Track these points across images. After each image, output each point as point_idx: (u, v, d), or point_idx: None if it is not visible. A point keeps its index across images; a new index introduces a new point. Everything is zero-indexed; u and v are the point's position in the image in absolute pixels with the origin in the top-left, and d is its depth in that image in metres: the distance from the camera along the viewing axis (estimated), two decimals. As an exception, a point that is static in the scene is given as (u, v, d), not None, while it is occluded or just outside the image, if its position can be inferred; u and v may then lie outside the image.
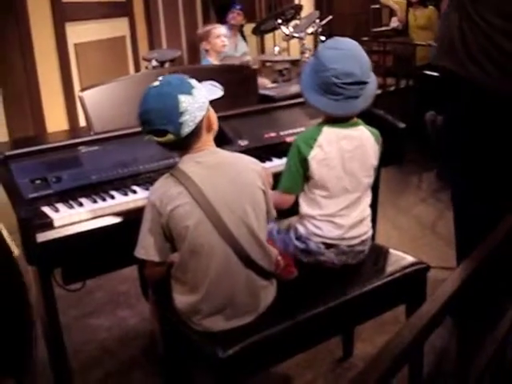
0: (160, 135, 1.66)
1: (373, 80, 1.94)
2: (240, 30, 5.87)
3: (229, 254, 1.69)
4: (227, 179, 1.70)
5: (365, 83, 1.89)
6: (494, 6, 2.25)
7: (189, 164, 1.70)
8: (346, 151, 1.93)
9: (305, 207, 1.98)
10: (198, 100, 1.66)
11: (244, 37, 6.17)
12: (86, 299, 3.05)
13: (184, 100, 1.64)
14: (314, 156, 1.90)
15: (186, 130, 1.65)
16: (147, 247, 1.71)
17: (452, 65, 2.40)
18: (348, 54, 1.88)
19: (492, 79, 2.29)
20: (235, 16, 5.59)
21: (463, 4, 2.31)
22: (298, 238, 2.01)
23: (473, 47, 2.31)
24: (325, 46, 1.94)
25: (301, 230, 2.00)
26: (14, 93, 3.68)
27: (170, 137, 1.65)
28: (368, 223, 2.04)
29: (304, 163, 1.92)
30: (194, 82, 1.71)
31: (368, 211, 2.04)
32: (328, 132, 1.93)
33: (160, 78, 1.70)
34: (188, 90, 1.66)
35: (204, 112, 1.69)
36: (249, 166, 1.78)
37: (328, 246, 1.97)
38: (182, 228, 1.65)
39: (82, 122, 4.17)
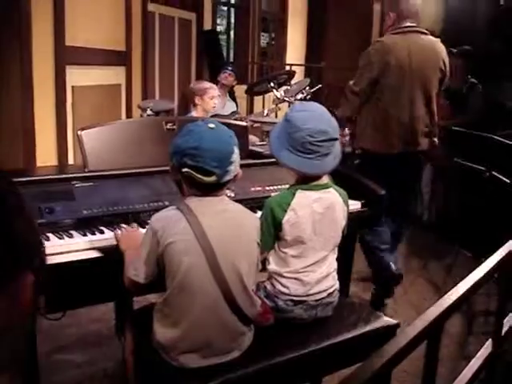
0: (205, 174, 1.73)
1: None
2: (229, 90, 6.06)
3: (217, 296, 1.76)
4: (229, 227, 1.80)
5: (335, 139, 2.01)
6: None
7: (197, 204, 1.78)
8: (317, 213, 2.02)
9: (273, 265, 2.06)
10: (238, 155, 1.79)
11: (234, 97, 6.37)
12: (58, 335, 3.06)
13: (236, 152, 1.77)
14: (288, 219, 1.99)
15: (227, 177, 1.76)
16: (138, 269, 1.78)
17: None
18: (316, 114, 2.01)
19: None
20: (227, 76, 5.76)
21: None
22: (267, 296, 2.07)
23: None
24: (293, 109, 2.07)
25: (269, 288, 2.08)
26: (9, 125, 3.77)
27: (212, 178, 1.73)
28: (334, 276, 2.12)
29: (277, 226, 2.00)
30: None
31: (334, 265, 2.12)
32: (301, 196, 2.02)
33: (211, 124, 1.78)
34: (236, 144, 1.79)
35: (239, 166, 1.81)
36: (251, 220, 1.90)
37: (296, 302, 2.05)
38: (176, 262, 1.72)
39: (71, 160, 4.29)
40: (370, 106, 3.46)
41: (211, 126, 1.77)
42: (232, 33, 8.42)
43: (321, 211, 2.03)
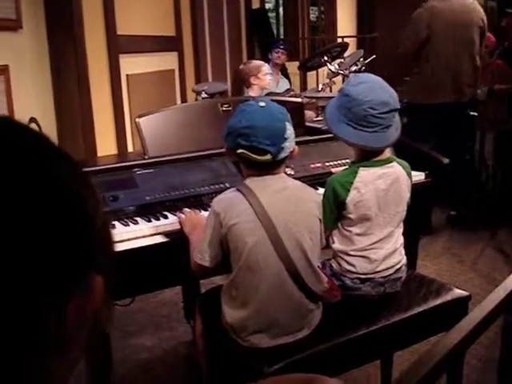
0: (259, 153, 1.72)
1: None
2: (281, 68, 5.99)
3: (283, 274, 1.75)
4: (290, 204, 1.79)
5: (396, 110, 1.95)
6: None
7: (256, 184, 1.77)
8: (380, 190, 1.96)
9: (337, 243, 2.02)
10: (293, 131, 1.77)
11: (286, 75, 6.30)
12: (128, 320, 3.13)
13: (289, 128, 1.75)
14: (352, 199, 1.94)
15: (283, 155, 1.74)
16: (203, 252, 1.79)
17: None
18: (376, 85, 1.94)
19: None
20: (280, 55, 5.70)
21: None
22: (333, 274, 2.04)
23: None
24: (350, 83, 2.00)
25: (335, 266, 2.05)
26: (69, 118, 3.85)
27: (267, 157, 1.72)
28: (401, 251, 2.07)
29: (340, 205, 1.96)
30: None
31: (401, 240, 2.07)
32: (364, 173, 1.96)
33: (261, 102, 1.77)
34: (289, 120, 1.76)
35: (294, 143, 1.79)
36: (311, 195, 1.87)
37: (363, 280, 2.01)
38: (240, 243, 1.73)
39: (130, 148, 4.36)
40: (418, 64, 4.27)
41: (262, 104, 1.75)
42: (281, 9, 8.33)
43: (385, 187, 1.97)
